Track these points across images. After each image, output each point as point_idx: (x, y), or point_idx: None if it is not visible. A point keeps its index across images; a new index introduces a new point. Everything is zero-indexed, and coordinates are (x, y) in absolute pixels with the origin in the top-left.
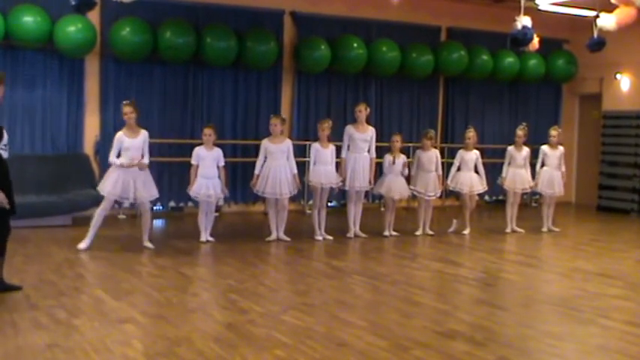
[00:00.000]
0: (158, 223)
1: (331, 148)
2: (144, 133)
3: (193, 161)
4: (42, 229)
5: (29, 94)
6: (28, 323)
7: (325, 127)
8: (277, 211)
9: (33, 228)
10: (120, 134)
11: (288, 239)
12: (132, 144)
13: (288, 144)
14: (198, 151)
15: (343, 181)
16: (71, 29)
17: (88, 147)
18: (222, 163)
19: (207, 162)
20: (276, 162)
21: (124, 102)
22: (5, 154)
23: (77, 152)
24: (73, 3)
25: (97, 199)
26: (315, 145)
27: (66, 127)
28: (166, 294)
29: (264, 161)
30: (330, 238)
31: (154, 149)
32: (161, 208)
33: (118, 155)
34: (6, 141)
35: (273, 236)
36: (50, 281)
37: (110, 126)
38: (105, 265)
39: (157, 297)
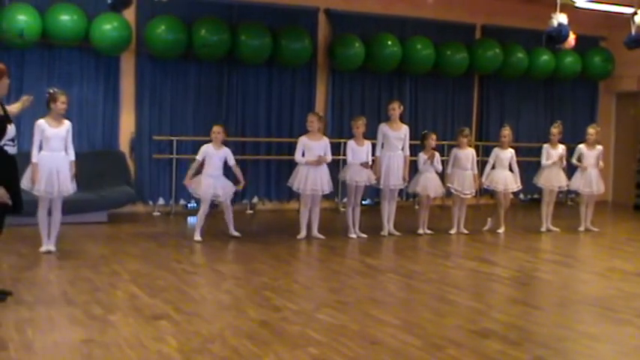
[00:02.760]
0: (193, 220)
1: (367, 145)
2: (68, 124)
3: (199, 157)
4: (78, 226)
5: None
6: (65, 319)
7: (360, 125)
8: (311, 209)
9: (69, 224)
10: (42, 122)
11: (322, 237)
12: (54, 134)
13: (326, 142)
14: (206, 148)
15: (377, 180)
16: (107, 27)
17: (124, 144)
18: (232, 162)
19: (215, 161)
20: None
21: (55, 90)
22: (12, 150)
23: (113, 149)
24: (109, 1)
25: (133, 196)
26: (351, 143)
27: (102, 125)
28: (200, 291)
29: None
30: (364, 236)
31: (188, 147)
32: (195, 205)
33: (41, 147)
34: (11, 136)
35: (303, 234)
36: (86, 277)
37: (145, 123)
38: (139, 262)
39: (191, 294)
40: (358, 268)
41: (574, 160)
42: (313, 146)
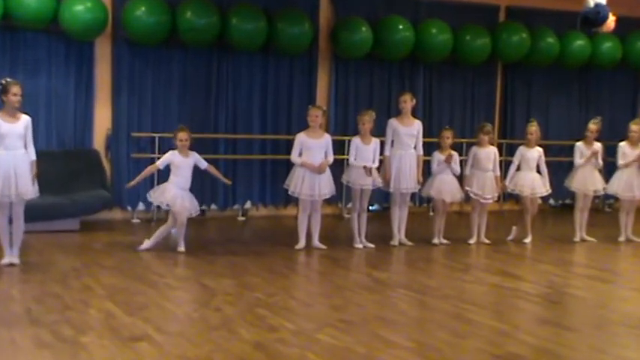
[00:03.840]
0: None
1: (374, 143)
2: (26, 119)
3: (160, 165)
4: (46, 235)
5: (31, 82)
6: (30, 341)
7: (367, 120)
8: (311, 215)
9: (36, 233)
10: None
11: (323, 247)
12: (10, 130)
13: (327, 139)
14: (171, 157)
15: (387, 182)
16: (79, 8)
17: (98, 142)
18: (204, 165)
19: (184, 170)
20: (313, 159)
21: (6, 80)
22: None
23: (86, 148)
24: None
25: (109, 201)
26: (356, 140)
27: (73, 120)
28: (185, 308)
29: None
30: (372, 246)
31: (171, 145)
32: None
33: None
34: None
35: (302, 244)
36: (54, 293)
37: (123, 118)
38: (116, 275)
39: (175, 312)
40: (365, 282)
41: (620, 161)
42: (312, 145)
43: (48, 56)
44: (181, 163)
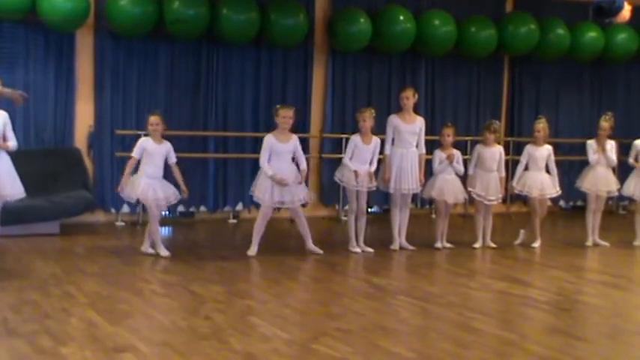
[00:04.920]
0: (164, 231)
1: (374, 143)
2: (3, 115)
3: (135, 154)
4: (23, 239)
5: (8, 76)
6: (6, 353)
7: (367, 117)
8: (295, 220)
9: (13, 237)
10: None
11: (319, 251)
12: None
13: (295, 141)
14: (144, 143)
15: (387, 182)
16: None
17: (80, 140)
18: (173, 160)
19: (156, 159)
20: (282, 164)
21: None
22: None
23: (67, 146)
24: None
25: (91, 203)
26: (355, 138)
27: (53, 116)
28: (173, 317)
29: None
30: (371, 250)
31: None
32: (168, 213)
33: None
34: None
35: (254, 251)
36: (33, 301)
37: (107, 115)
38: (99, 282)
39: (161, 321)
40: (363, 289)
41: (630, 159)
42: (281, 149)
43: (26, 49)
44: (154, 150)
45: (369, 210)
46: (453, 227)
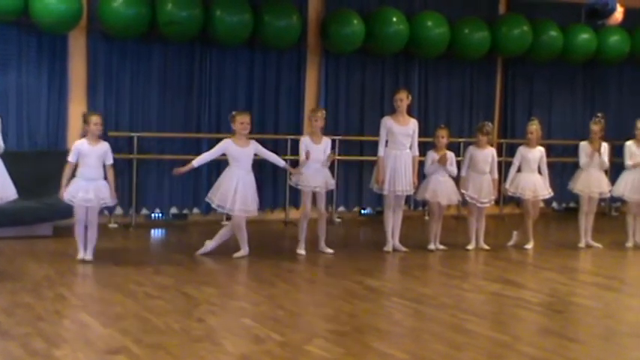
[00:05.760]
0: (158, 233)
1: (325, 143)
2: None
3: (70, 159)
4: (16, 241)
5: (1, 79)
6: None
7: (320, 117)
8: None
9: (5, 239)
10: None
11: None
12: None
13: (255, 146)
14: (78, 146)
15: (381, 184)
16: None
17: (73, 142)
18: (110, 161)
19: (91, 160)
20: (241, 171)
21: None
22: None
23: (59, 148)
24: None
25: None
26: (305, 140)
27: (46, 118)
28: (166, 319)
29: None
30: (331, 251)
31: (151, 145)
32: (161, 215)
33: None
34: None
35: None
36: (25, 304)
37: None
38: (92, 284)
39: (154, 323)
40: (357, 291)
41: (629, 162)
42: (240, 154)
43: (18, 51)
44: (89, 151)
45: (362, 212)
46: (446, 229)
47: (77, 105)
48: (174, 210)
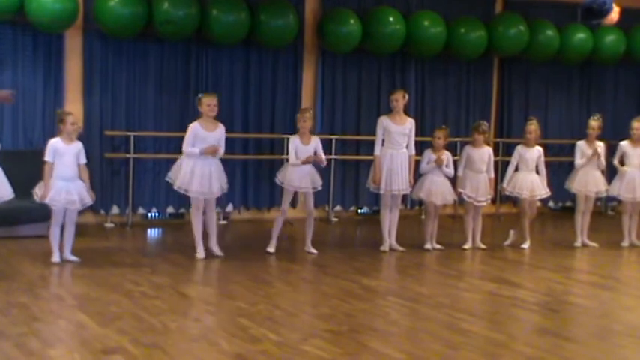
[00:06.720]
0: (154, 232)
1: (314, 144)
2: None
3: (48, 158)
4: (12, 240)
5: None
6: None
7: (307, 118)
8: (205, 215)
9: (1, 239)
10: None
11: (220, 253)
12: None
13: (222, 131)
14: (54, 144)
15: (377, 183)
16: None
17: None
18: (83, 161)
19: (67, 159)
20: (204, 157)
21: None
22: None
23: None
24: None
25: None
26: (294, 140)
27: (42, 118)
28: (163, 318)
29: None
30: (314, 251)
31: (147, 144)
32: (158, 215)
33: None
34: None
35: (201, 253)
36: (21, 303)
37: (96, 116)
38: (88, 283)
39: (151, 322)
40: (353, 290)
41: (615, 161)
42: (207, 138)
43: (14, 50)
44: (65, 150)
45: (359, 211)
46: (443, 228)
47: (73, 104)
48: (170, 209)
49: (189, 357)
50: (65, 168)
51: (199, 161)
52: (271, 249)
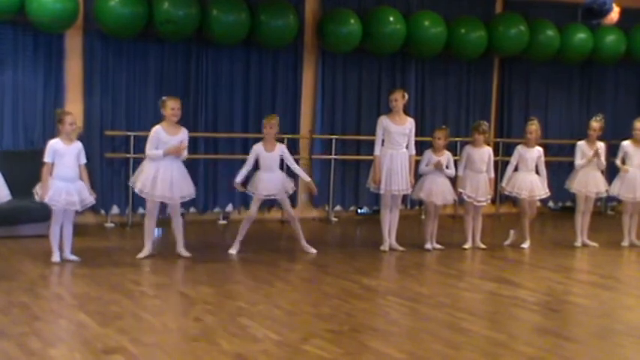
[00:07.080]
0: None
1: (278, 150)
2: None
3: (47, 159)
4: (12, 240)
5: None
6: None
7: (274, 124)
8: (172, 220)
9: (1, 238)
10: None
11: (188, 255)
12: None
13: (185, 134)
14: (54, 145)
15: (377, 183)
16: None
17: None
18: (83, 161)
19: (67, 160)
20: (167, 161)
21: None
22: None
23: None
24: None
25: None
26: (257, 148)
27: (42, 117)
28: (163, 318)
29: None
30: (314, 251)
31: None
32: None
33: None
34: None
35: (146, 252)
36: (22, 303)
37: (96, 116)
38: (88, 283)
39: (151, 322)
40: (353, 290)
41: (617, 161)
42: (170, 142)
43: (14, 49)
44: (65, 151)
45: (359, 211)
46: (443, 228)
47: (73, 104)
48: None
49: (189, 357)
50: (66, 168)
51: (162, 165)
52: (233, 250)
